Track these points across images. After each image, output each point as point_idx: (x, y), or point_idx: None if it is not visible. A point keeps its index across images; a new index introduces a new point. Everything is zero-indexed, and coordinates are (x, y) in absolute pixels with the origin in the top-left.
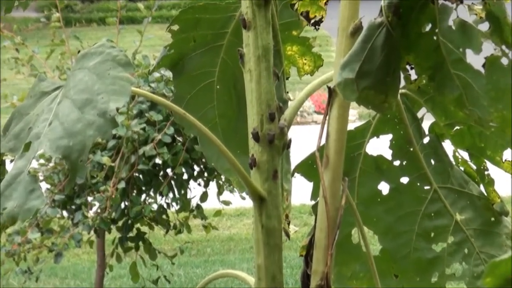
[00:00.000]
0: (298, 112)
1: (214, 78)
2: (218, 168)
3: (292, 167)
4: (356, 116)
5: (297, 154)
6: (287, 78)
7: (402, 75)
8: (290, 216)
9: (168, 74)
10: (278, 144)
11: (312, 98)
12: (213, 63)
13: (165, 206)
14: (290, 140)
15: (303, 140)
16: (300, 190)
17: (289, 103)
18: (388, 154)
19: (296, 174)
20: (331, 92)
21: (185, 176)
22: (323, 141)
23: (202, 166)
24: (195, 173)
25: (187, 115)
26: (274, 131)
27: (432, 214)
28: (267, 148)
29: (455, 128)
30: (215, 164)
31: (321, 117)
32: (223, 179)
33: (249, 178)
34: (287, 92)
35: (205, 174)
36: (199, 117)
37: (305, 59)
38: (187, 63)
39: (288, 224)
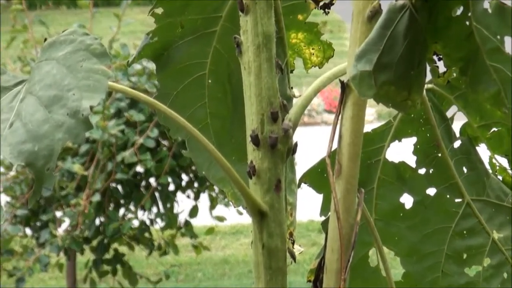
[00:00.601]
0: (306, 111)
1: (205, 71)
2: (209, 177)
3: (298, 176)
4: (374, 115)
5: (304, 160)
6: (292, 71)
7: (428, 68)
8: (295, 234)
9: (151, 66)
10: (282, 148)
11: (322, 95)
12: (204, 54)
13: (147, 222)
14: (295, 144)
15: (311, 144)
16: (308, 204)
17: (295, 100)
18: (412, 160)
19: (302, 185)
20: (345, 87)
21: (172, 187)
22: (334, 145)
23: (191, 175)
24: (184, 183)
25: (173, 115)
26: (277, 133)
27: (465, 232)
28: (268, 153)
29: (491, 130)
30: (206, 173)
31: (332, 116)
32: (216, 191)
33: (247, 189)
34: (292, 88)
35: (195, 185)
36: (188, 116)
37: (312, 49)
38: (173, 53)
39: (293, 243)
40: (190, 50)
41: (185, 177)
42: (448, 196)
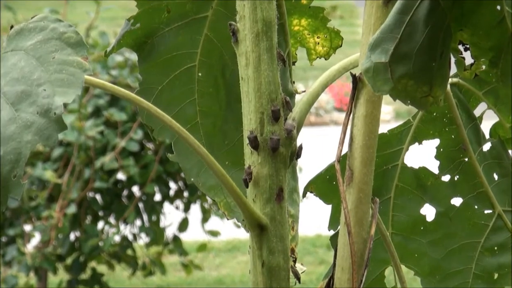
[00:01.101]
0: (312, 109)
1: (195, 63)
2: (199, 185)
3: (303, 183)
4: (391, 114)
5: (310, 166)
6: (294, 63)
7: (453, 59)
8: (297, 250)
9: (134, 57)
10: (284, 152)
11: (331, 90)
12: (194, 43)
13: (130, 237)
14: (300, 147)
15: (318, 147)
16: (314, 216)
17: (299, 97)
18: (434, 166)
19: (308, 194)
20: (357, 81)
21: (158, 197)
22: (345, 149)
23: (180, 183)
24: (172, 192)
25: (158, 113)
26: (278, 134)
27: (495, 248)
28: (269, 157)
29: None
30: (196, 180)
31: (342, 115)
32: (209, 201)
33: (244, 198)
34: (294, 82)
35: (185, 194)
36: (175, 115)
37: (317, 37)
38: (158, 42)
39: (294, 261)
40: (178, 39)
41: (173, 186)
42: (476, 206)
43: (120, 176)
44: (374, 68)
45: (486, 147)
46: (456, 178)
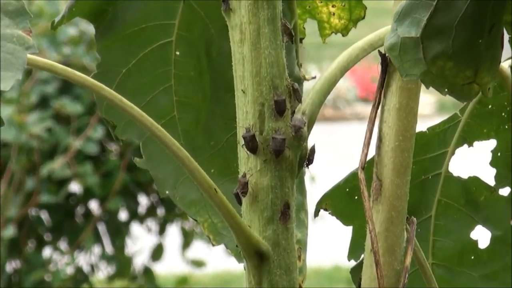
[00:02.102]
0: (328, 100)
1: (171, 38)
2: (176, 199)
3: (315, 198)
4: (434, 106)
5: (325, 174)
6: (301, 40)
7: (507, 36)
8: (303, 285)
9: (92, 30)
10: (292, 156)
11: (353, 75)
12: (170, 11)
13: (87, 269)
14: (312, 150)
15: (336, 150)
16: (330, 242)
17: (311, 83)
18: (489, 175)
19: (322, 212)
20: (387, 63)
21: (124, 216)
22: (371, 152)
23: (154, 197)
24: (142, 209)
25: (122, 104)
26: (284, 133)
27: None
28: (271, 164)
29: None
30: (172, 193)
31: (367, 108)
32: (191, 221)
33: (239, 218)
34: (301, 65)
35: (160, 212)
36: (144, 106)
37: (332, 6)
38: (122, 10)
39: None
40: (148, 6)
41: (144, 200)
42: None
43: (74, 187)
44: (402, 44)
45: None
46: None
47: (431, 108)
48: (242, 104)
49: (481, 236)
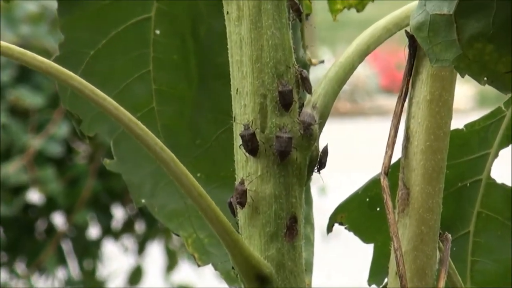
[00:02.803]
0: (344, 91)
1: (150, 14)
2: (154, 210)
3: (328, 210)
4: (473, 99)
5: (339, 181)
6: (307, 17)
7: None
8: None
9: (55, 5)
10: (300, 159)
11: (375, 61)
12: None
13: None
14: (324, 152)
15: (353, 151)
16: (346, 262)
17: (322, 71)
18: None
19: (336, 227)
20: (416, 47)
21: (95, 232)
22: (397, 155)
23: (131, 209)
24: (117, 224)
25: (89, 93)
26: (290, 131)
27: None
28: (275, 168)
29: None
30: (149, 202)
31: (391, 100)
32: (175, 238)
33: (236, 234)
34: (307, 47)
35: (138, 227)
36: (117, 95)
37: None
38: None
39: None
40: None
41: (119, 213)
42: None
43: (33, 196)
44: (431, 23)
45: None
46: None
47: (469, 101)
48: (240, 95)
49: None
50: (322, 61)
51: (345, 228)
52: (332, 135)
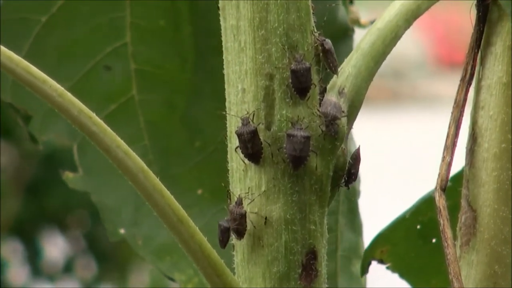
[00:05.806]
0: (384, 70)
1: None
2: (137, 243)
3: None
4: None
5: (376, 199)
6: None
7: None
8: None
9: None
10: (321, 168)
11: (426, 28)
12: None
13: None
14: (355, 157)
15: (395, 155)
16: None
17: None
18: None
19: (374, 265)
20: (487, 8)
21: (21, 274)
22: (458, 162)
23: (75, 239)
24: (54, 261)
25: (40, 80)
26: (306, 127)
27: None
28: (285, 180)
29: None
30: (130, 233)
31: (451, 84)
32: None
33: (229, 275)
34: (351, 2)
35: (84, 265)
36: (79, 81)
37: None
38: None
39: None
40: None
41: (57, 245)
42: None
43: None
44: None
45: None
46: None
47: None
48: (236, 76)
49: None
50: (373, 21)
51: (387, 267)
52: (366, 133)
